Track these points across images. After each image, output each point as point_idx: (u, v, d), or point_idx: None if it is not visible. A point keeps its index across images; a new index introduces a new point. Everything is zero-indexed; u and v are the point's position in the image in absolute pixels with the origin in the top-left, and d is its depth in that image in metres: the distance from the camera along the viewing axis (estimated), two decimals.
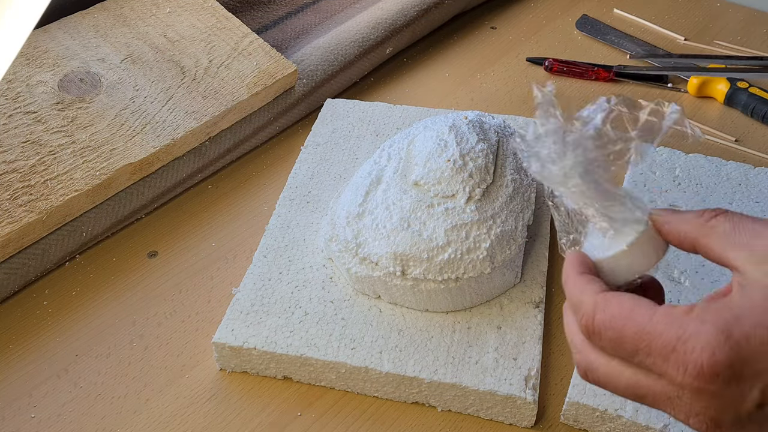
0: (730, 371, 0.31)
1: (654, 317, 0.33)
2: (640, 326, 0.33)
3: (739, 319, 0.31)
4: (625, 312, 0.34)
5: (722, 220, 0.36)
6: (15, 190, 0.60)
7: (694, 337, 0.32)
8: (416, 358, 0.53)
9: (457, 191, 0.56)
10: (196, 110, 0.69)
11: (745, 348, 0.31)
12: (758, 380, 0.31)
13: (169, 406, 0.53)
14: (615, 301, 0.35)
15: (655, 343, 0.33)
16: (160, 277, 0.62)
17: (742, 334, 0.31)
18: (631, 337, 0.34)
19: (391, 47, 0.83)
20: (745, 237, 0.34)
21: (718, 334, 0.31)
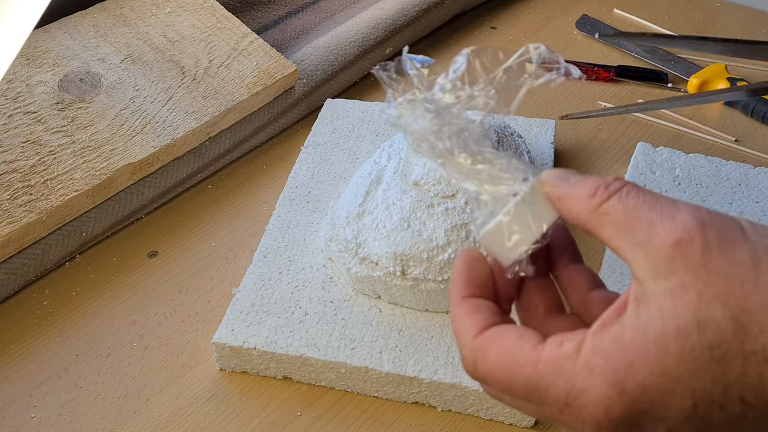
0: (629, 422, 0.28)
1: (538, 366, 0.30)
2: (526, 379, 0.30)
3: (632, 367, 0.28)
4: (507, 362, 0.31)
5: (614, 204, 0.30)
6: (15, 190, 0.60)
7: (584, 393, 0.29)
8: (416, 358, 0.53)
9: (457, 191, 0.56)
10: (196, 110, 0.69)
11: (641, 400, 0.28)
12: (660, 425, 0.28)
13: (169, 406, 0.53)
14: (494, 348, 0.31)
15: (545, 395, 0.30)
16: (160, 277, 0.62)
17: (637, 386, 0.28)
18: (521, 389, 0.31)
19: (391, 47, 0.83)
20: (640, 232, 0.29)
21: (609, 390, 0.28)
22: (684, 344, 0.27)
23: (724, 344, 0.27)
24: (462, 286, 0.34)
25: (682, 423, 0.28)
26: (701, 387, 0.28)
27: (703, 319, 0.27)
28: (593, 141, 0.75)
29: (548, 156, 0.69)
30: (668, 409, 0.28)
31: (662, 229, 0.29)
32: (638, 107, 0.75)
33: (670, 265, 0.28)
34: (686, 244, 0.28)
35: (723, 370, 0.27)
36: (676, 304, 0.28)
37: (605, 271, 0.57)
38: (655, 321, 0.28)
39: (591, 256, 0.63)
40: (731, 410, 0.28)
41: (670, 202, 0.30)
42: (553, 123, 0.72)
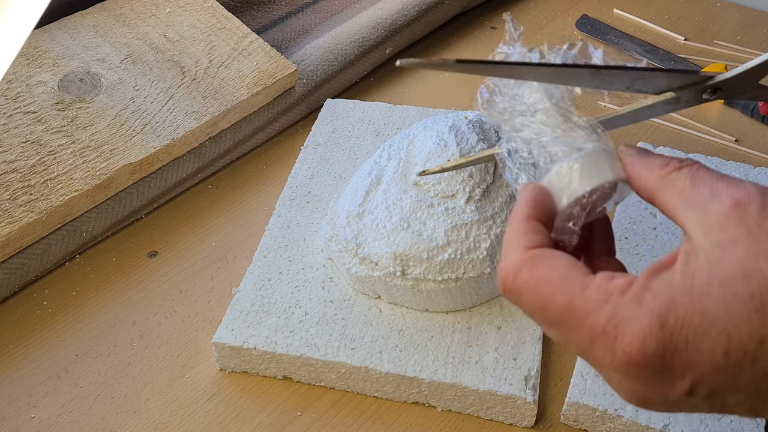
0: (661, 361, 0.29)
1: (586, 291, 0.30)
2: (569, 299, 0.30)
3: (675, 302, 0.29)
4: (554, 279, 0.31)
5: (684, 174, 0.32)
6: (15, 190, 0.60)
7: (626, 323, 0.29)
8: (416, 358, 0.53)
9: (457, 191, 0.56)
10: (196, 110, 0.69)
11: (678, 337, 0.29)
12: (689, 371, 0.29)
13: (169, 406, 0.53)
14: (544, 263, 0.32)
15: (583, 321, 0.30)
16: (160, 277, 0.62)
17: (677, 321, 0.29)
18: (557, 310, 0.31)
19: (391, 47, 0.83)
20: (702, 197, 0.31)
21: (652, 321, 0.29)
22: (727, 290, 0.28)
23: (766, 295, 0.28)
24: (531, 208, 0.34)
25: (711, 372, 0.29)
26: (737, 334, 0.28)
27: (749, 270, 0.28)
28: None
29: None
30: (701, 353, 0.28)
31: (725, 192, 0.30)
32: None
33: (724, 222, 0.29)
34: (744, 205, 0.30)
35: (762, 321, 0.28)
36: (724, 254, 0.29)
37: None
38: (702, 268, 0.29)
39: None
40: (763, 365, 0.28)
41: (735, 179, 0.31)
42: None
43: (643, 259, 0.59)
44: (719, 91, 0.38)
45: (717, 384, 0.29)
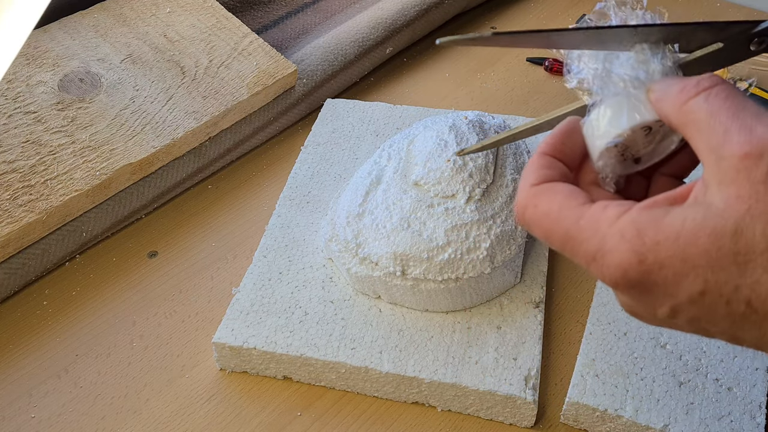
0: (642, 287, 0.31)
1: (580, 221, 0.33)
2: (565, 230, 0.33)
3: (658, 245, 0.30)
4: (553, 211, 0.34)
5: (700, 102, 0.31)
6: (15, 190, 0.60)
7: (609, 254, 0.31)
8: (416, 358, 0.53)
9: (457, 191, 0.56)
10: (196, 110, 0.69)
11: (657, 274, 0.30)
12: (668, 300, 0.31)
13: (169, 406, 0.53)
14: (545, 198, 0.34)
15: (577, 248, 0.33)
16: (160, 277, 0.62)
17: (656, 262, 0.30)
18: (557, 238, 0.34)
19: (391, 47, 0.83)
20: (717, 136, 0.30)
21: (631, 257, 0.30)
22: (713, 243, 0.29)
23: (750, 255, 0.29)
24: (548, 144, 0.36)
25: (687, 303, 0.31)
26: (714, 279, 0.29)
27: (741, 228, 0.29)
28: None
29: None
30: (678, 288, 0.30)
31: (736, 139, 0.30)
32: None
33: (734, 175, 0.29)
34: (754, 159, 0.29)
35: (740, 273, 0.29)
36: (725, 209, 0.29)
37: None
38: (697, 216, 0.30)
39: None
40: (735, 308, 0.30)
41: (754, 113, 0.30)
42: None
43: None
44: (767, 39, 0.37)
45: (695, 314, 0.31)
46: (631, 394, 0.51)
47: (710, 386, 0.51)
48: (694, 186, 0.31)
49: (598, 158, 0.35)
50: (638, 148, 0.35)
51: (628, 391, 0.51)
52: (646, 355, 0.53)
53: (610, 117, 0.34)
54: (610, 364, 0.53)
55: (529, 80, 0.83)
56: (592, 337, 0.54)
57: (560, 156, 0.36)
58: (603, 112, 0.35)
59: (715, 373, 0.52)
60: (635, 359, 0.53)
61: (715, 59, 0.37)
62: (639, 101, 0.34)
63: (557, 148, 0.36)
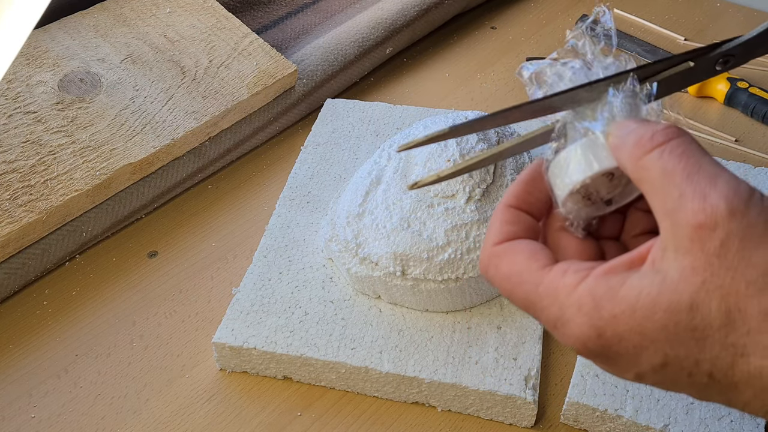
0: (604, 356, 0.31)
1: (539, 288, 0.32)
2: (525, 294, 0.32)
3: (615, 318, 0.29)
4: (513, 275, 0.33)
5: (654, 160, 0.30)
6: (15, 190, 0.60)
7: (568, 325, 0.31)
8: (416, 358, 0.53)
9: (457, 191, 0.56)
10: (196, 110, 0.69)
11: (617, 346, 0.30)
12: (631, 367, 0.30)
13: (169, 406, 0.53)
14: (506, 260, 0.33)
15: (539, 314, 0.32)
16: (160, 277, 0.62)
17: (615, 335, 0.30)
18: (519, 302, 0.33)
19: (391, 47, 0.83)
20: (672, 198, 0.29)
21: (589, 330, 0.30)
22: (670, 318, 0.29)
23: (708, 330, 0.28)
24: (513, 195, 0.35)
25: (650, 372, 0.30)
26: (674, 353, 0.29)
27: (697, 304, 0.28)
28: None
29: None
30: (639, 359, 0.30)
31: (690, 206, 0.28)
32: None
33: (688, 245, 0.28)
34: (709, 231, 0.28)
35: (699, 348, 0.29)
36: (679, 282, 0.29)
37: None
38: (652, 288, 0.29)
39: None
40: (698, 379, 0.29)
41: (709, 175, 0.29)
42: None
43: None
44: (732, 59, 0.36)
45: (660, 381, 0.31)
46: (631, 394, 0.51)
47: None
48: (652, 248, 0.30)
49: (561, 205, 0.34)
50: (604, 192, 0.34)
51: (628, 391, 0.51)
52: None
53: (569, 165, 0.33)
54: None
55: None
56: None
57: (526, 206, 0.35)
58: (563, 159, 0.34)
59: None
60: None
61: (686, 77, 0.37)
62: (598, 147, 0.33)
63: (521, 198, 0.35)
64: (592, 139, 0.33)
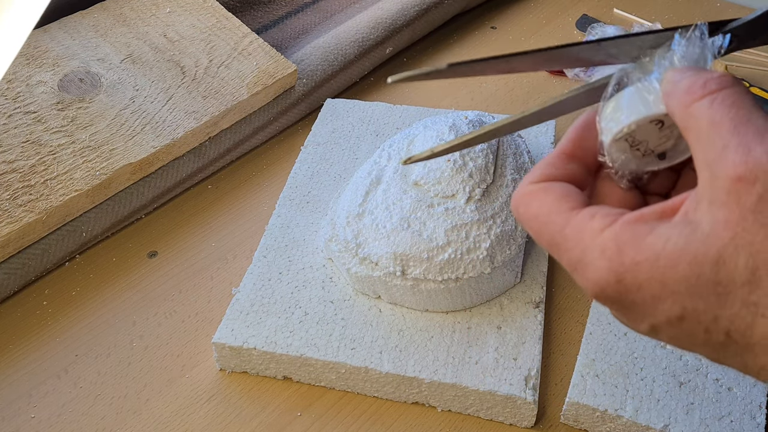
0: (620, 304, 0.30)
1: (565, 229, 0.32)
2: (551, 235, 0.32)
3: (637, 265, 0.29)
4: (542, 215, 0.33)
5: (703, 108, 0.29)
6: (15, 190, 0.60)
7: (589, 268, 0.31)
8: (416, 358, 0.53)
9: (457, 191, 0.56)
10: (196, 110, 0.69)
11: (635, 294, 0.29)
12: (647, 318, 0.30)
13: (169, 406, 0.53)
14: (537, 199, 0.33)
15: (562, 255, 0.32)
16: (160, 277, 0.62)
17: (634, 283, 0.29)
18: (544, 242, 0.33)
19: (391, 47, 0.83)
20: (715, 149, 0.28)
21: (609, 275, 0.30)
22: (693, 270, 0.28)
23: (731, 286, 0.28)
24: (567, 140, 0.35)
25: (666, 325, 0.30)
26: (692, 307, 0.28)
27: (724, 258, 0.28)
28: None
29: None
30: (656, 310, 0.29)
31: (732, 158, 0.28)
32: None
33: (725, 198, 0.28)
34: (748, 185, 0.27)
35: (719, 304, 0.28)
36: (710, 234, 0.28)
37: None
38: (680, 238, 0.28)
39: None
40: (714, 337, 0.29)
41: (757, 130, 0.28)
42: (553, 123, 0.72)
43: None
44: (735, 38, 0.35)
45: (674, 335, 0.30)
46: (631, 394, 0.51)
47: (710, 386, 0.51)
48: (686, 199, 0.30)
49: (606, 152, 0.34)
50: (653, 143, 0.33)
51: (628, 391, 0.51)
52: (646, 355, 0.53)
53: (617, 110, 0.33)
54: (610, 364, 0.53)
55: (529, 80, 0.83)
56: (592, 337, 0.54)
57: (580, 152, 0.35)
58: (613, 104, 0.33)
59: (715, 373, 0.52)
60: (635, 359, 0.53)
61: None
62: (650, 93, 0.32)
63: (576, 144, 0.35)
64: (645, 85, 0.32)
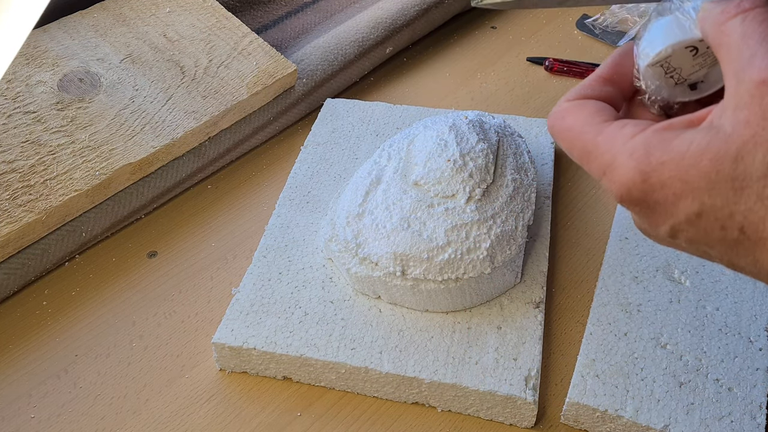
0: (644, 205, 0.33)
1: (598, 137, 0.34)
2: (584, 144, 0.35)
3: (662, 165, 0.31)
4: (576, 127, 0.35)
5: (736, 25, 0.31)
6: (15, 190, 0.60)
7: (617, 170, 0.33)
8: (416, 358, 0.53)
9: (457, 191, 0.56)
10: (195, 110, 0.69)
11: (658, 193, 0.32)
12: (668, 219, 0.32)
13: (168, 407, 0.53)
14: (573, 113, 0.36)
15: (592, 162, 0.34)
16: (160, 277, 0.62)
17: (658, 182, 0.32)
18: (577, 151, 0.35)
19: (391, 47, 0.83)
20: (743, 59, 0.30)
21: (635, 175, 0.32)
22: (713, 166, 0.30)
23: (747, 181, 0.30)
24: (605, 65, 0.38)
25: (685, 224, 0.32)
26: (710, 202, 0.31)
27: (742, 154, 0.30)
28: None
29: (548, 156, 0.69)
30: (677, 208, 0.32)
31: (758, 64, 0.30)
32: None
33: (748, 100, 0.30)
34: None
35: (735, 199, 0.30)
36: (731, 134, 0.30)
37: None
38: (703, 140, 0.31)
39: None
40: (729, 233, 0.31)
41: None
42: None
43: (644, 259, 0.59)
44: None
45: (693, 236, 0.32)
46: (631, 395, 0.51)
47: (710, 386, 0.51)
48: (713, 109, 0.32)
49: (642, 76, 0.36)
50: (687, 70, 0.35)
51: (628, 391, 0.51)
52: (646, 356, 0.53)
53: (654, 35, 0.35)
54: (610, 364, 0.52)
55: (529, 80, 0.83)
56: (592, 338, 0.54)
57: (616, 77, 0.37)
58: (650, 30, 0.35)
59: (715, 373, 0.52)
60: (635, 359, 0.53)
61: None
62: (686, 20, 0.34)
63: (613, 69, 0.38)
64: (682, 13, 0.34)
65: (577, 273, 0.62)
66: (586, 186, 0.69)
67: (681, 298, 0.56)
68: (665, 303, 0.56)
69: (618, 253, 0.60)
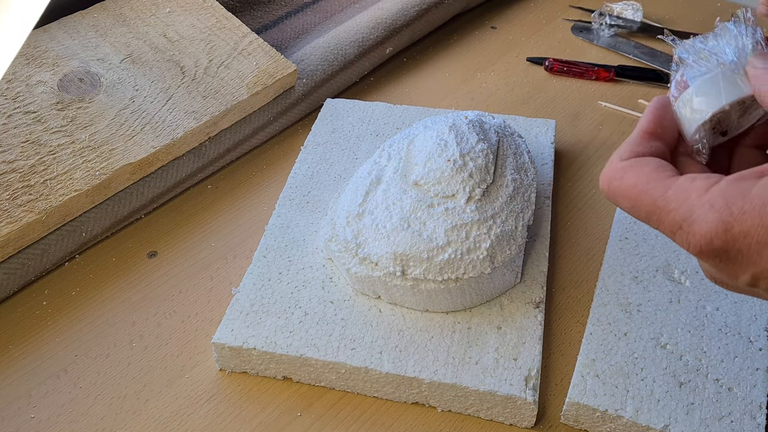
0: (726, 256, 0.33)
1: (668, 192, 0.34)
2: (653, 200, 0.35)
3: (744, 214, 0.32)
4: (641, 183, 0.35)
5: None
6: (15, 190, 0.60)
7: (696, 223, 0.33)
8: (416, 358, 0.53)
9: (457, 191, 0.56)
10: (195, 110, 0.69)
11: (741, 242, 0.32)
12: (750, 267, 0.33)
13: (168, 407, 0.53)
14: (633, 171, 0.36)
15: (664, 218, 0.35)
16: (160, 277, 0.62)
17: (741, 231, 0.32)
18: (644, 208, 0.35)
19: (391, 47, 0.83)
20: None
21: (718, 226, 0.32)
22: None
23: None
24: (647, 120, 0.39)
25: None
26: None
27: None
28: (594, 141, 0.75)
29: (548, 156, 0.69)
30: (760, 256, 0.32)
31: None
32: None
33: None
34: None
35: None
36: None
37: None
38: None
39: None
40: None
41: None
42: (553, 123, 0.72)
43: (644, 259, 0.59)
44: None
45: None
46: (631, 395, 0.51)
47: (711, 386, 0.51)
48: None
49: (694, 132, 0.36)
50: (733, 121, 0.37)
51: (628, 391, 0.51)
52: (646, 356, 0.53)
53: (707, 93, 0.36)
54: (610, 364, 0.52)
55: (529, 80, 0.83)
56: (592, 338, 0.54)
57: (660, 131, 0.38)
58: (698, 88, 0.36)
59: (715, 373, 0.52)
60: (635, 359, 0.53)
61: None
62: (736, 76, 0.35)
63: (656, 123, 0.38)
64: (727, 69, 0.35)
65: (577, 273, 0.62)
66: (586, 186, 0.69)
67: (681, 298, 0.56)
68: (665, 303, 0.56)
69: (618, 253, 0.60)
